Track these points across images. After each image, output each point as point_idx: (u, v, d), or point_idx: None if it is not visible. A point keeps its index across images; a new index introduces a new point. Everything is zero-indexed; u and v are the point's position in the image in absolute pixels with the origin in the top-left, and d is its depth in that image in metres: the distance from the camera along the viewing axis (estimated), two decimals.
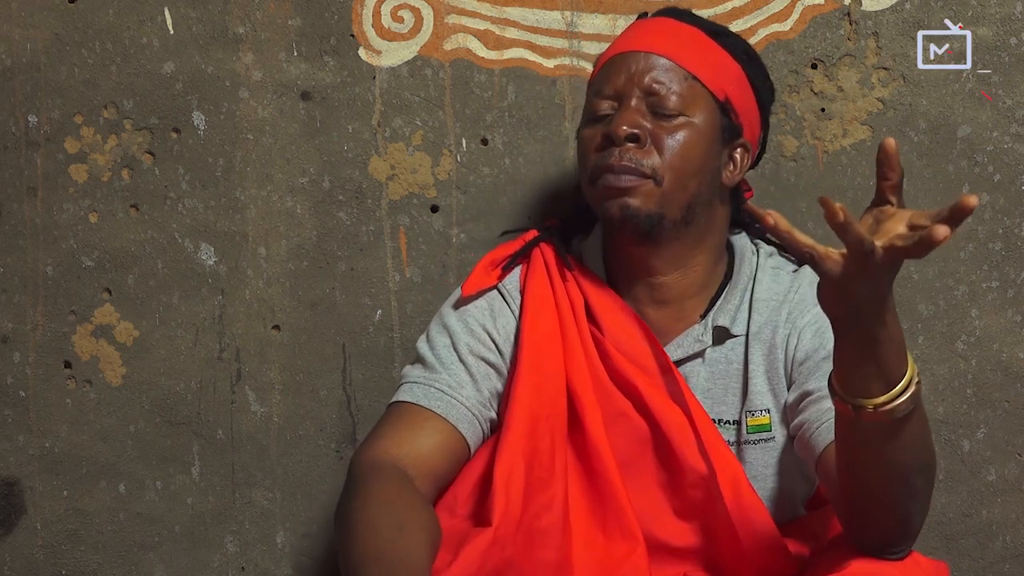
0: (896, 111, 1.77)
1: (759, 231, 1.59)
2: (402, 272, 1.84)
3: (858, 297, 1.10)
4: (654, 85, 1.45)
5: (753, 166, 1.59)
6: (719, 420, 1.47)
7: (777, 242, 1.57)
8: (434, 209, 1.83)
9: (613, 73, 1.48)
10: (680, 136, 1.44)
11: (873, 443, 1.18)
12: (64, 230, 1.87)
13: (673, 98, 1.44)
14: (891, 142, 1.08)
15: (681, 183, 1.44)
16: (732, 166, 1.49)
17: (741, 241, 1.56)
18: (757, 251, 1.55)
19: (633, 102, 1.45)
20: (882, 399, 1.14)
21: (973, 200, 1.01)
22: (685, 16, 1.53)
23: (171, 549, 1.90)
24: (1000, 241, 1.77)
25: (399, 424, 1.43)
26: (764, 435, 1.46)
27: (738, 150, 1.50)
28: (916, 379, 1.15)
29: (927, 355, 1.79)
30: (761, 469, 1.46)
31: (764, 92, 1.54)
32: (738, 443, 1.47)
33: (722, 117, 1.47)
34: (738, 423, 1.47)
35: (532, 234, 1.57)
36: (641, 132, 1.43)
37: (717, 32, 1.52)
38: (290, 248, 1.85)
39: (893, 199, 1.11)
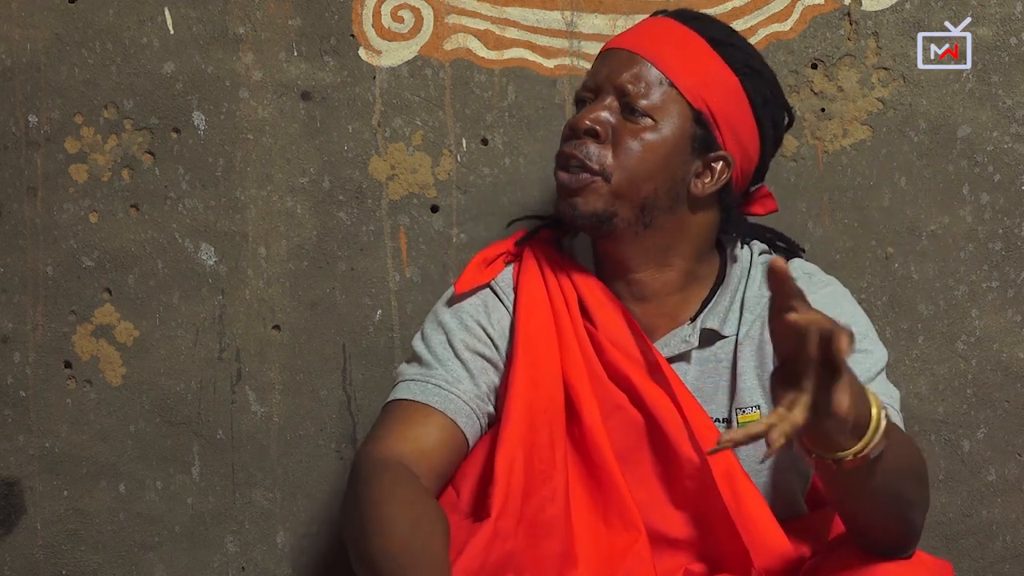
0: (896, 111, 1.77)
1: (749, 234, 1.57)
2: (402, 272, 1.84)
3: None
4: (628, 85, 1.45)
5: (756, 181, 1.55)
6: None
7: (768, 239, 1.58)
8: (434, 209, 1.83)
9: (599, 66, 1.50)
10: (641, 139, 1.44)
11: (860, 483, 1.20)
12: (64, 230, 1.87)
13: (643, 101, 1.44)
14: (780, 263, 1.08)
15: (632, 184, 1.43)
16: (710, 176, 1.47)
17: (732, 241, 1.56)
18: (751, 252, 1.55)
19: (606, 99, 1.46)
20: (858, 447, 1.15)
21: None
22: (691, 19, 1.50)
23: (171, 549, 1.90)
24: (1000, 241, 1.77)
25: (400, 422, 1.44)
26: None
27: (719, 162, 1.46)
28: (884, 413, 1.16)
29: (927, 355, 1.79)
30: (754, 465, 1.46)
31: (768, 107, 1.50)
32: None
33: (696, 127, 1.45)
34: (728, 421, 1.48)
35: (523, 232, 1.58)
36: (601, 128, 1.44)
37: (719, 41, 1.48)
38: (290, 248, 1.85)
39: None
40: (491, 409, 1.49)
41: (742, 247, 1.54)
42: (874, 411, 1.15)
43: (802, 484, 1.53)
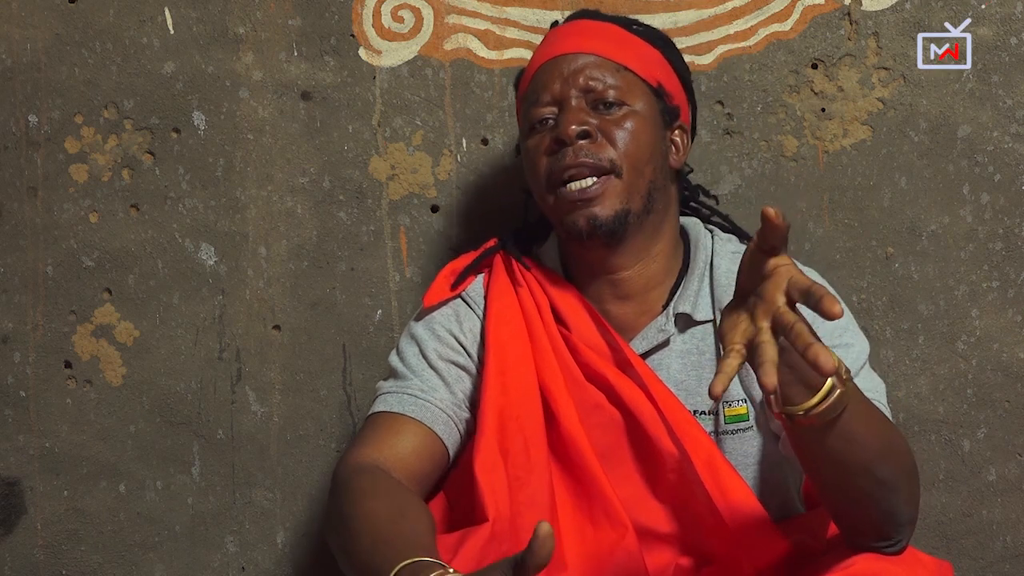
0: (896, 111, 1.77)
1: (707, 214, 1.62)
2: (402, 272, 1.84)
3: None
4: (590, 82, 1.47)
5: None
6: (696, 412, 1.48)
7: (729, 226, 1.60)
8: (434, 209, 1.83)
9: (547, 79, 1.50)
10: (627, 125, 1.47)
11: (820, 444, 1.19)
12: (64, 230, 1.87)
13: (612, 91, 1.47)
14: (770, 212, 1.09)
15: (638, 170, 1.46)
16: (675, 149, 1.53)
17: (695, 227, 1.58)
18: (712, 234, 1.57)
19: (574, 102, 1.47)
20: (810, 403, 1.15)
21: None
22: (598, 15, 1.57)
23: (171, 549, 1.90)
24: (1000, 241, 1.77)
25: (376, 432, 1.46)
26: (742, 424, 1.47)
27: (676, 132, 1.53)
28: (845, 374, 1.16)
29: (927, 355, 1.79)
30: (742, 459, 1.46)
31: (685, 74, 1.58)
32: (716, 434, 1.47)
33: (659, 102, 1.50)
34: (715, 414, 1.48)
35: (492, 242, 1.60)
36: (590, 128, 1.46)
37: (631, 24, 1.55)
38: (290, 248, 1.85)
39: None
40: (468, 416, 1.50)
41: (708, 233, 1.57)
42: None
43: (797, 479, 1.53)
